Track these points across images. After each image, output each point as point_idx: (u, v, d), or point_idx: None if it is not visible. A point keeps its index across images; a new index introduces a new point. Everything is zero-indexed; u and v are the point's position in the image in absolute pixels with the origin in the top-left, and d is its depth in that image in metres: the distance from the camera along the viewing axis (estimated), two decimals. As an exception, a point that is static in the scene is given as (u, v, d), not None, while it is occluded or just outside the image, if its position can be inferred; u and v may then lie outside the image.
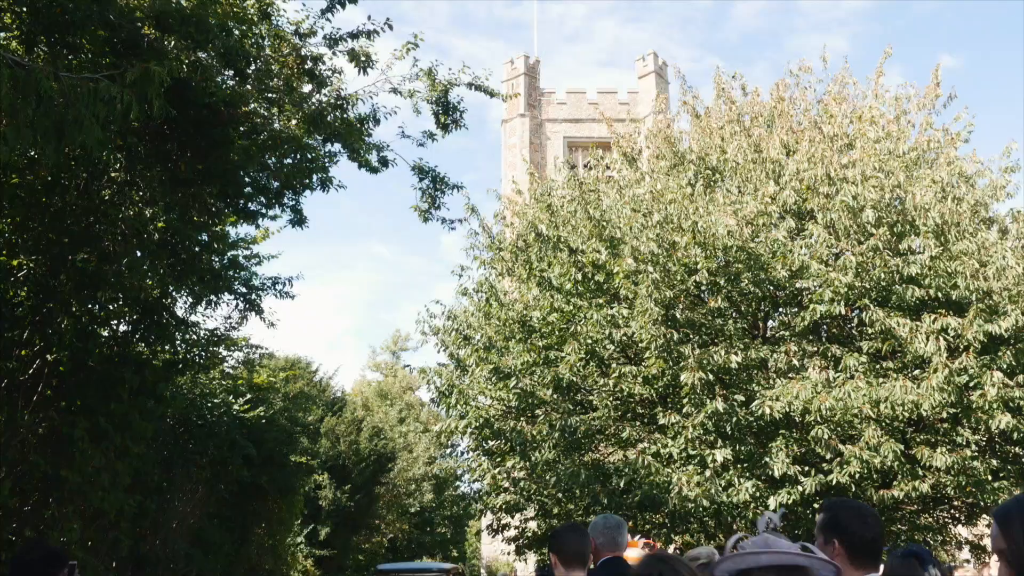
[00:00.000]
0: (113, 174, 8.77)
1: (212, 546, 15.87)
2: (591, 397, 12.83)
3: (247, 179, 9.33)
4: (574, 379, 12.42)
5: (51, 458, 8.94)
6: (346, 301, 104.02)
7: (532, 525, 15.43)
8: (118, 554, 11.83)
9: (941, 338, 10.25)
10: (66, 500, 9.57)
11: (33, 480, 8.96)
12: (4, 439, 8.53)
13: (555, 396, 12.87)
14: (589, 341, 12.08)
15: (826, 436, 10.45)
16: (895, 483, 10.72)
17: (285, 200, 9.95)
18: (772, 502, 10.41)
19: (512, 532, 15.61)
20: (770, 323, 13.28)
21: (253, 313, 11.58)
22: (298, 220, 10.20)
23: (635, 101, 42.12)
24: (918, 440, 10.82)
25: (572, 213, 13.72)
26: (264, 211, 10.20)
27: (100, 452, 9.47)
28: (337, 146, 9.47)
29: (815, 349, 11.63)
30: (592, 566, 4.26)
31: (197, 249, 9.92)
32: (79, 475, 9.14)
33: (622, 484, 11.50)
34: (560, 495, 13.24)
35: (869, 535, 3.06)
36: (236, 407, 16.39)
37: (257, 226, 11.91)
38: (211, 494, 15.95)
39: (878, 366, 11.22)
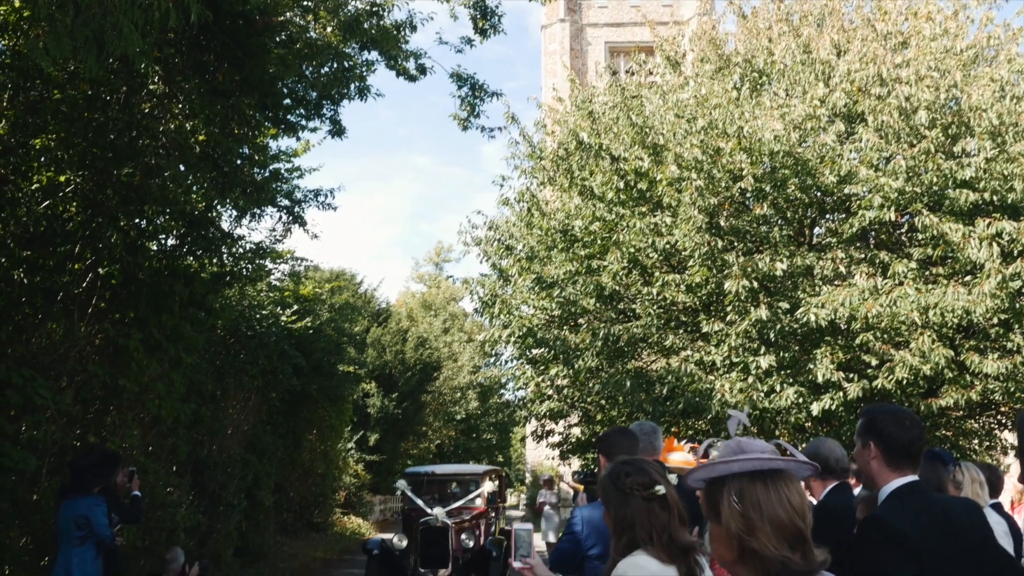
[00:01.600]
0: (152, 87, 8.75)
1: (266, 451, 16.42)
2: (634, 306, 12.82)
3: (285, 90, 9.26)
4: (617, 288, 12.41)
5: (109, 368, 9.21)
6: (388, 213, 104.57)
7: (576, 431, 15.72)
8: (177, 459, 12.30)
9: (995, 243, 9.99)
10: (125, 408, 9.91)
11: (94, 389, 9.26)
12: (63, 350, 8.80)
13: (598, 305, 12.89)
14: (632, 250, 12.00)
15: (873, 342, 10.36)
16: (942, 391, 10.63)
17: (324, 111, 9.90)
18: (815, 408, 10.42)
19: (556, 438, 15.92)
20: (817, 230, 13.03)
21: (296, 225, 11.65)
22: (337, 131, 10.16)
23: (679, 3, 40.65)
24: (967, 347, 10.66)
25: (614, 120, 13.46)
26: (303, 123, 10.16)
27: (155, 362, 9.74)
28: (374, 54, 9.35)
29: (863, 256, 11.42)
30: None
31: (239, 162, 9.92)
32: (136, 384, 9.43)
33: (665, 391, 11.59)
34: (603, 402, 13.42)
35: (906, 438, 3.00)
36: (284, 318, 16.69)
37: (297, 138, 11.87)
38: (263, 402, 16.41)
39: (928, 272, 11.00)
